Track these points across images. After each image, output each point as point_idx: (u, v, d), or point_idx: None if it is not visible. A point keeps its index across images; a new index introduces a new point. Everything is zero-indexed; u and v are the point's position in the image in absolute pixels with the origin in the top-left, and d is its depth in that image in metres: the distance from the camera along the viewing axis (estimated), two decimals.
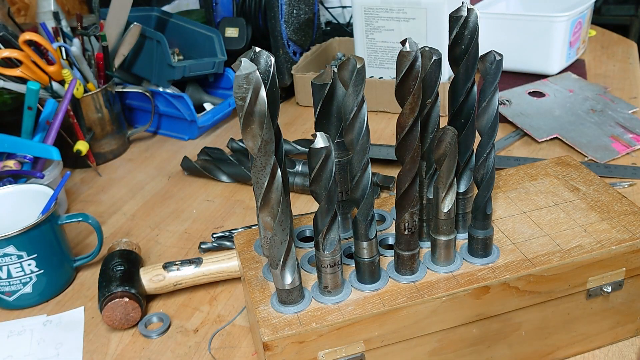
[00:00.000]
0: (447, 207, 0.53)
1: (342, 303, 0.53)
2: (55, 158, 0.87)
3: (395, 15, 1.09)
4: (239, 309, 0.71)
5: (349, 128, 0.49)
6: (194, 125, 1.12)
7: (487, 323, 0.56)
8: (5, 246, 0.70)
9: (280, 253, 0.50)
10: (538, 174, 0.69)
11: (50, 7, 1.13)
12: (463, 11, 0.51)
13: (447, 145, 0.50)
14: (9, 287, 0.73)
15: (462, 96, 0.54)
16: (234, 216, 0.89)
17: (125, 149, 1.13)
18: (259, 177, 0.46)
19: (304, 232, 0.63)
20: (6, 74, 0.96)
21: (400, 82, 0.47)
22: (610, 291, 0.58)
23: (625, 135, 0.95)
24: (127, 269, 0.71)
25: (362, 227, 0.52)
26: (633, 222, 0.59)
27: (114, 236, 0.87)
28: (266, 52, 0.49)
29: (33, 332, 0.71)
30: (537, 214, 0.62)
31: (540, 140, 0.97)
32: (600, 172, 0.87)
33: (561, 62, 1.18)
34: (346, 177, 0.59)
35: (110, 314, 0.67)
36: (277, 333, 0.50)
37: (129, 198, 0.97)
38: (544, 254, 0.56)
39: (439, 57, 0.52)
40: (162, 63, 1.14)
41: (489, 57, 0.51)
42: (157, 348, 0.67)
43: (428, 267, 0.56)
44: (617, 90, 1.13)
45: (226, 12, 1.28)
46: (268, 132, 0.44)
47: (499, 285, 0.54)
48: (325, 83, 0.53)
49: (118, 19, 1.10)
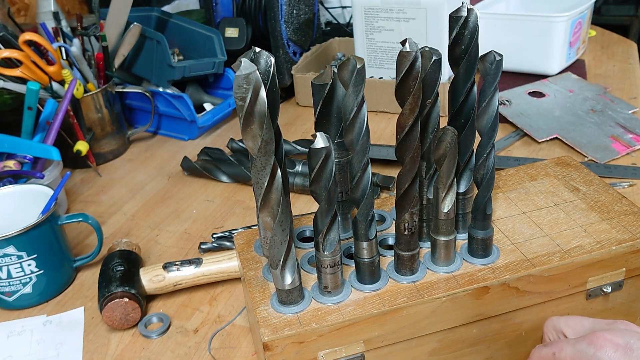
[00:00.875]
0: (447, 207, 0.53)
1: (342, 303, 0.53)
2: (55, 158, 0.87)
3: (395, 15, 1.09)
4: (239, 309, 0.71)
5: (349, 128, 0.49)
6: (194, 126, 1.12)
7: (487, 323, 0.56)
8: (5, 246, 0.70)
9: (280, 253, 0.50)
10: (538, 174, 0.69)
11: (50, 7, 1.13)
12: (463, 11, 0.51)
13: (447, 145, 0.50)
14: (9, 287, 0.73)
15: (462, 96, 0.54)
16: (234, 216, 0.89)
17: (125, 149, 1.13)
18: (259, 177, 0.46)
19: (304, 232, 0.63)
20: (6, 74, 0.96)
21: (400, 82, 0.47)
22: (610, 291, 0.58)
23: (625, 135, 0.95)
24: (127, 269, 0.71)
25: (362, 227, 0.51)
26: (633, 222, 0.59)
27: (114, 236, 0.87)
28: (266, 52, 0.49)
29: (33, 332, 0.71)
30: (537, 214, 0.62)
31: (540, 141, 0.97)
32: (600, 172, 0.87)
33: (561, 62, 1.18)
34: (346, 177, 0.59)
35: (110, 314, 0.67)
36: (277, 333, 0.50)
37: (129, 198, 0.97)
38: (544, 254, 0.56)
39: (439, 57, 0.52)
40: (162, 63, 1.14)
41: (489, 57, 0.51)
42: (157, 348, 0.67)
43: (428, 268, 0.56)
44: (617, 90, 1.13)
45: (226, 12, 1.28)
46: (268, 132, 0.44)
47: (499, 285, 0.54)
48: (325, 83, 0.53)
49: (118, 19, 1.10)
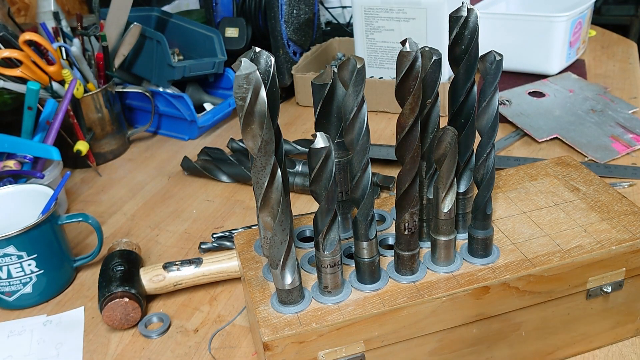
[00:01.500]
0: (447, 207, 0.53)
1: (342, 303, 0.53)
2: (55, 158, 0.87)
3: (395, 15, 1.09)
4: (239, 309, 0.71)
5: (349, 128, 0.49)
6: (194, 125, 1.12)
7: (487, 323, 0.56)
8: (5, 246, 0.70)
9: (280, 253, 0.50)
10: (538, 174, 0.69)
11: (50, 7, 1.13)
12: (463, 11, 0.51)
13: (447, 145, 0.50)
14: (9, 287, 0.73)
15: (462, 96, 0.54)
16: (234, 216, 0.89)
17: (125, 149, 1.13)
18: (259, 177, 0.46)
19: (304, 232, 0.63)
20: (6, 74, 0.96)
21: (400, 82, 0.47)
22: (610, 291, 0.58)
23: (625, 135, 0.95)
24: (127, 269, 0.71)
25: (362, 227, 0.51)
26: (633, 222, 0.59)
27: (114, 236, 0.87)
28: (266, 52, 0.49)
29: (33, 332, 0.71)
30: (537, 214, 0.62)
31: (540, 140, 0.97)
32: (600, 172, 0.87)
33: (561, 62, 1.18)
34: (346, 177, 0.59)
35: (110, 314, 0.67)
36: (277, 333, 0.50)
37: (129, 198, 0.97)
38: (544, 254, 0.56)
39: (439, 57, 0.52)
40: (162, 63, 1.14)
41: (489, 57, 0.51)
42: (157, 348, 0.67)
43: (428, 267, 0.56)
44: (617, 90, 1.13)
45: (226, 12, 1.28)
46: (268, 132, 0.44)
47: (499, 285, 0.54)
48: (325, 83, 0.53)
49: (118, 19, 1.10)
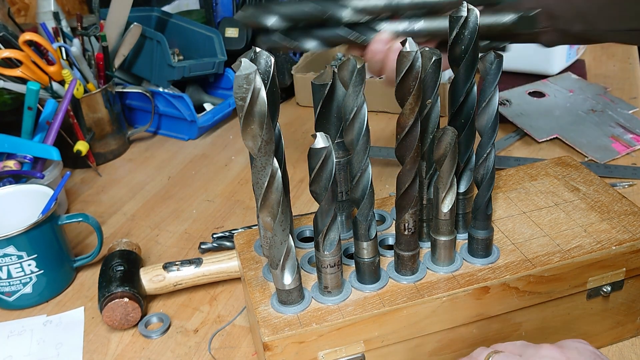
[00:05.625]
0: (447, 207, 0.53)
1: (342, 303, 0.53)
2: (55, 158, 0.87)
3: None
4: (239, 309, 0.71)
5: (349, 128, 0.49)
6: (194, 126, 1.12)
7: (487, 323, 0.56)
8: (5, 246, 0.70)
9: (280, 253, 0.50)
10: (538, 174, 0.69)
11: (50, 7, 1.13)
12: (463, 11, 0.51)
13: (447, 145, 0.50)
14: (9, 287, 0.73)
15: (462, 96, 0.54)
16: (234, 216, 0.89)
17: (125, 149, 1.12)
18: (259, 177, 0.46)
19: (304, 232, 0.63)
20: (6, 74, 0.96)
21: (400, 82, 0.47)
22: (610, 291, 0.58)
23: (625, 135, 0.95)
24: (127, 269, 0.71)
25: (362, 227, 0.51)
26: (633, 222, 0.59)
27: (114, 236, 0.87)
28: (266, 52, 0.49)
29: (33, 332, 0.71)
30: (537, 214, 0.62)
31: (540, 141, 0.97)
32: (600, 172, 0.87)
33: (561, 62, 1.18)
34: (346, 177, 0.59)
35: (110, 314, 0.67)
36: (277, 333, 0.50)
37: (129, 198, 0.97)
38: (544, 254, 0.56)
39: (439, 57, 0.52)
40: (162, 63, 1.13)
41: (489, 57, 0.51)
42: (157, 348, 0.67)
43: (428, 268, 0.56)
44: (617, 90, 1.13)
45: (226, 12, 1.28)
46: (268, 132, 0.44)
47: (499, 285, 0.54)
48: (325, 83, 0.53)
49: (118, 19, 1.10)
